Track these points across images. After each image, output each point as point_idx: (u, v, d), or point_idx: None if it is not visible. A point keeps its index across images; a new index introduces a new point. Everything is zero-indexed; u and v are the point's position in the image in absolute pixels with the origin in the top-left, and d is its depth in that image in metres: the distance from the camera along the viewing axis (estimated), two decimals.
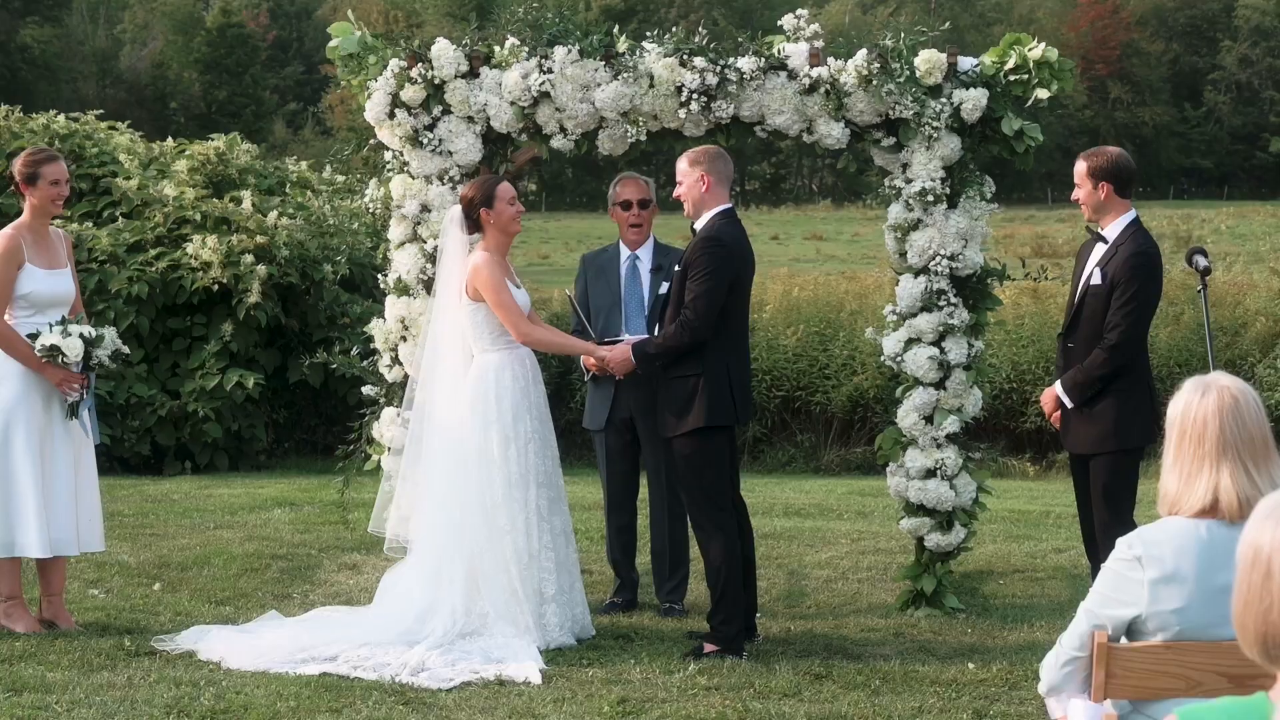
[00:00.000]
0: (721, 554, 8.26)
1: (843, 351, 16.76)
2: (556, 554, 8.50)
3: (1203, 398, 4.28)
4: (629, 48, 9.02)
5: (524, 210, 8.72)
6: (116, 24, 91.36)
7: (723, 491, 8.34)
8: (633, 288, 9.32)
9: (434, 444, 8.60)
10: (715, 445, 8.29)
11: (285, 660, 7.96)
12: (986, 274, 9.20)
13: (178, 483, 14.57)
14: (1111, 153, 8.15)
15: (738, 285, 8.31)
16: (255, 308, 15.45)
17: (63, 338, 8.43)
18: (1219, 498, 4.30)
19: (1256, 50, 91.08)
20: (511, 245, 8.79)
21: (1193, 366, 16.57)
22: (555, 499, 8.63)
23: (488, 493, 8.42)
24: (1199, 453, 4.29)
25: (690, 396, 8.22)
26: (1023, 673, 7.83)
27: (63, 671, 7.69)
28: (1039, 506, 13.22)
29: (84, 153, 17.14)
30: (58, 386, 8.48)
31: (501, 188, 8.56)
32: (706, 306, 8.15)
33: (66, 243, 8.91)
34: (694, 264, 8.21)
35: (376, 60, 9.21)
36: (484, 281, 8.41)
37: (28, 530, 8.42)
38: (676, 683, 7.64)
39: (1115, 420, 7.98)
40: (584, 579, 8.87)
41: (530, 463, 8.48)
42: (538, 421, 8.58)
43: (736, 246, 8.32)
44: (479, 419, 8.46)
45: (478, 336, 8.55)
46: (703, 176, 8.33)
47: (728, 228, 8.33)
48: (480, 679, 7.73)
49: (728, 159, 8.51)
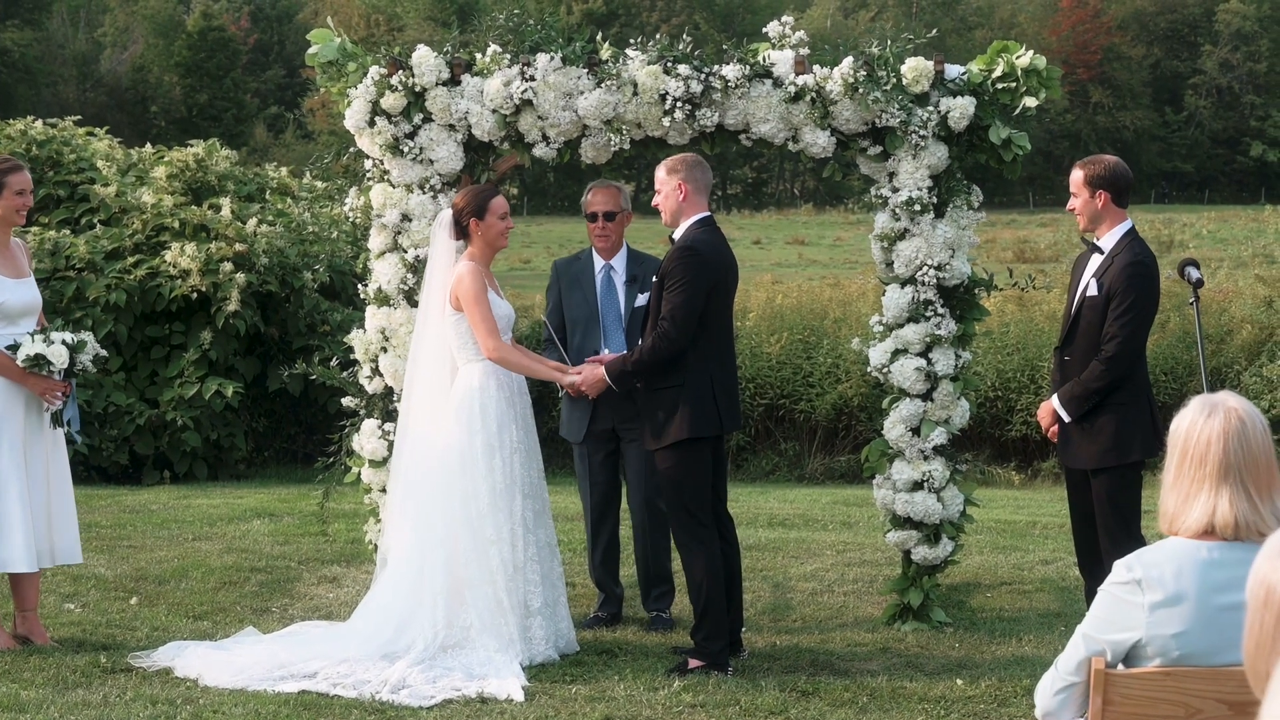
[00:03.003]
0: (704, 570, 8.15)
1: (827, 359, 16.68)
2: (542, 566, 8.40)
3: (1208, 418, 4.18)
4: (612, 55, 8.91)
5: (513, 225, 8.62)
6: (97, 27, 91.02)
7: (704, 506, 8.21)
8: (609, 300, 9.20)
9: (415, 453, 8.49)
10: (698, 457, 8.16)
11: (263, 678, 7.84)
12: (974, 284, 9.11)
13: (156, 493, 14.43)
14: (1109, 161, 8.05)
15: (718, 292, 8.18)
16: (234, 316, 15.32)
17: (46, 346, 8.32)
18: (1215, 521, 4.20)
19: (1237, 55, 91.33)
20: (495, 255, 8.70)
21: (1178, 374, 16.55)
22: (540, 511, 8.54)
23: (473, 503, 8.31)
24: (1199, 474, 4.19)
25: (672, 408, 8.10)
26: (1012, 689, 7.74)
27: (37, 690, 7.56)
28: (1025, 516, 13.14)
29: (62, 159, 17.00)
30: (41, 396, 8.37)
31: (495, 201, 8.46)
32: (684, 318, 8.04)
33: (26, 251, 8.79)
34: (670, 274, 8.10)
35: (356, 67, 9.09)
36: (465, 291, 8.31)
37: (14, 545, 8.29)
38: (661, 700, 7.54)
39: (1115, 434, 7.87)
40: (567, 592, 8.76)
41: (516, 473, 8.38)
42: (523, 431, 8.48)
43: (714, 254, 8.19)
44: (464, 428, 8.36)
45: (461, 346, 8.45)
46: (680, 185, 8.23)
47: (705, 236, 8.22)
48: (462, 696, 7.62)
49: (706, 167, 8.41)
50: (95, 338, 8.82)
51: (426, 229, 9.04)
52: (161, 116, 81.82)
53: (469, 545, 8.29)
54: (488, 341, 8.32)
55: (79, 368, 8.45)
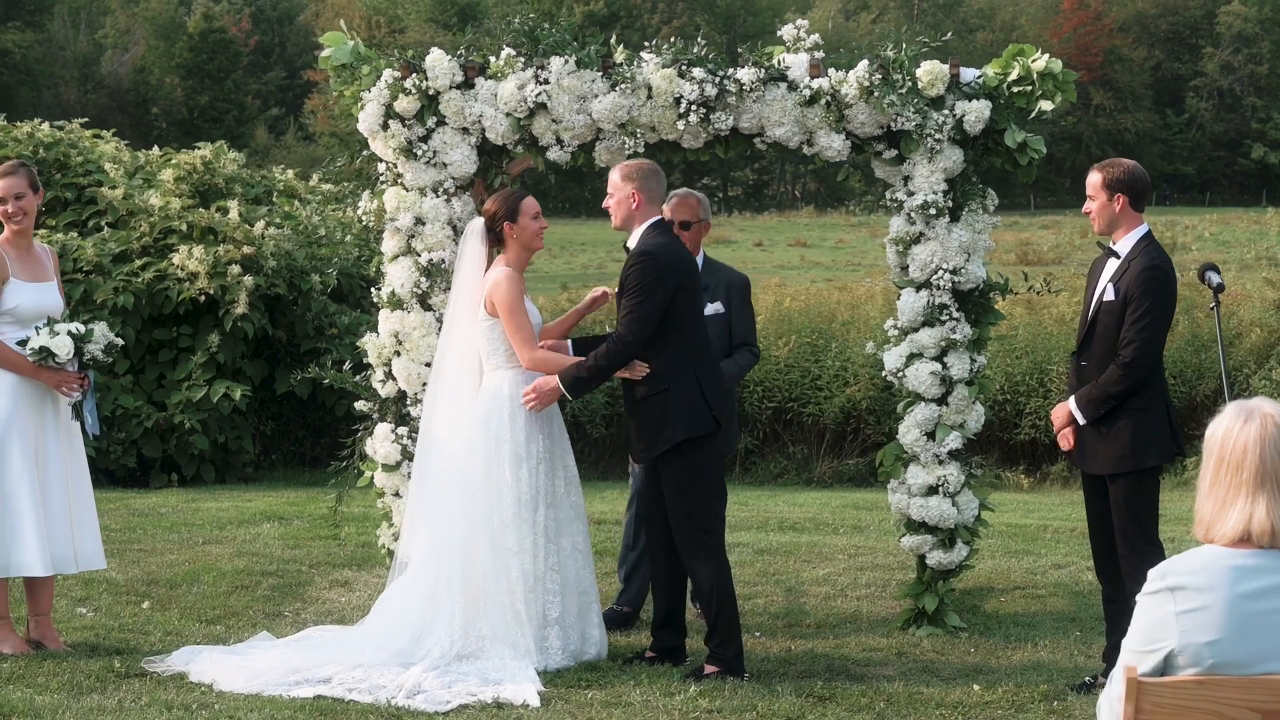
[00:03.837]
0: (711, 575, 8.10)
1: (835, 362, 16.67)
2: (563, 576, 8.35)
3: (1245, 425, 4.16)
4: (627, 58, 8.89)
5: (547, 225, 8.57)
6: (98, 29, 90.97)
7: (708, 511, 8.16)
8: None
9: (438, 460, 8.46)
10: (700, 458, 8.12)
11: (278, 683, 7.81)
12: (989, 288, 9.08)
13: (164, 496, 14.41)
14: (1127, 165, 8.02)
15: (683, 293, 8.13)
16: (242, 319, 15.31)
17: (51, 337, 8.29)
18: (1252, 528, 4.18)
19: (1238, 57, 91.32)
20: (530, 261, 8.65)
21: (1187, 377, 16.55)
22: (569, 519, 8.46)
23: (496, 512, 8.27)
24: (1236, 481, 4.16)
25: (662, 413, 8.07)
26: (1029, 695, 7.71)
27: (52, 694, 7.53)
28: (1036, 520, 13.11)
29: (69, 161, 16.98)
30: (56, 389, 8.35)
31: (526, 202, 8.44)
32: (641, 323, 8.02)
33: (52, 257, 8.76)
34: (628, 280, 8.09)
35: (370, 71, 9.07)
36: (502, 297, 8.28)
37: (26, 549, 8.26)
38: (678, 705, 7.51)
39: (1132, 439, 7.83)
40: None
41: (540, 483, 8.34)
42: (549, 440, 8.42)
43: (670, 257, 8.15)
44: (491, 437, 8.31)
45: (492, 352, 8.41)
46: (634, 194, 8.20)
47: (661, 240, 8.19)
48: (477, 701, 7.59)
49: (662, 177, 8.37)
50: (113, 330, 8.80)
51: (440, 232, 9.02)
52: (163, 118, 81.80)
53: (489, 555, 8.26)
54: (524, 351, 8.29)
55: (88, 357, 8.41)
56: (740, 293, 9.29)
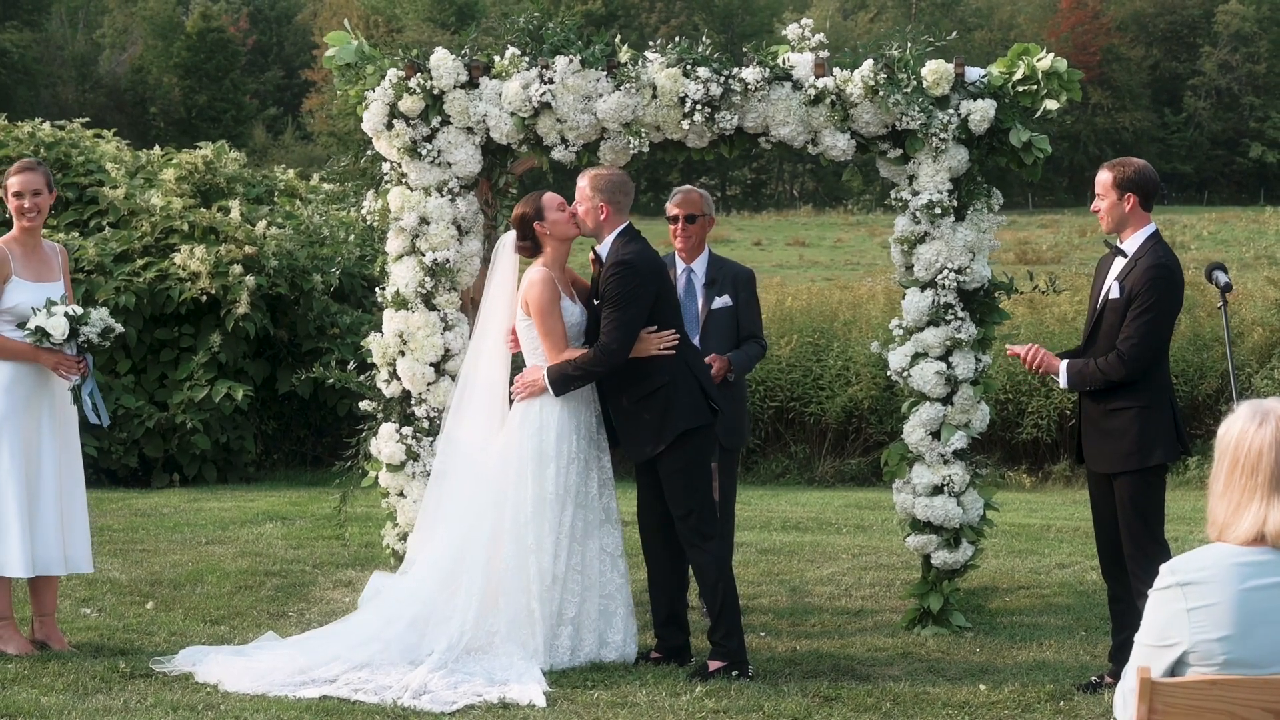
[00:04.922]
0: (715, 570, 8.15)
1: (837, 362, 16.66)
2: (586, 577, 8.34)
3: (1260, 427, 4.15)
4: (631, 57, 8.88)
5: (576, 213, 8.53)
6: (96, 29, 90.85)
7: (709, 504, 8.23)
8: (688, 302, 9.11)
9: (464, 462, 8.46)
10: (699, 449, 8.19)
11: (284, 683, 7.81)
12: (994, 287, 9.08)
13: (166, 496, 14.40)
14: (1138, 164, 8.00)
15: (662, 298, 8.26)
16: (244, 318, 15.30)
17: (48, 318, 8.29)
18: (1266, 530, 4.17)
19: (1236, 56, 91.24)
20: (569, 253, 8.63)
21: (1189, 377, 16.54)
22: (601, 521, 8.45)
23: (521, 510, 8.28)
24: (1250, 484, 4.15)
25: (666, 407, 8.13)
26: (1035, 694, 7.71)
27: (57, 695, 7.52)
28: (1039, 519, 13.11)
29: (70, 161, 16.97)
30: (54, 370, 8.35)
31: (547, 198, 8.45)
32: (624, 330, 8.10)
33: (62, 256, 8.75)
34: (607, 290, 8.15)
35: (374, 70, 9.06)
36: (534, 300, 8.30)
37: (8, 549, 8.25)
38: (684, 705, 7.50)
39: (1138, 438, 7.81)
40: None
41: (571, 483, 8.33)
42: (584, 441, 8.41)
43: (645, 264, 8.25)
44: (523, 434, 8.32)
45: (532, 350, 8.42)
46: (602, 206, 8.30)
47: (635, 247, 8.27)
48: (483, 702, 7.59)
49: (630, 190, 8.45)
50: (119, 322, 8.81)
51: (444, 232, 9.01)
52: (161, 118, 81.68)
53: (511, 551, 8.26)
54: (552, 354, 8.29)
55: (83, 340, 8.40)
56: (746, 286, 9.33)
